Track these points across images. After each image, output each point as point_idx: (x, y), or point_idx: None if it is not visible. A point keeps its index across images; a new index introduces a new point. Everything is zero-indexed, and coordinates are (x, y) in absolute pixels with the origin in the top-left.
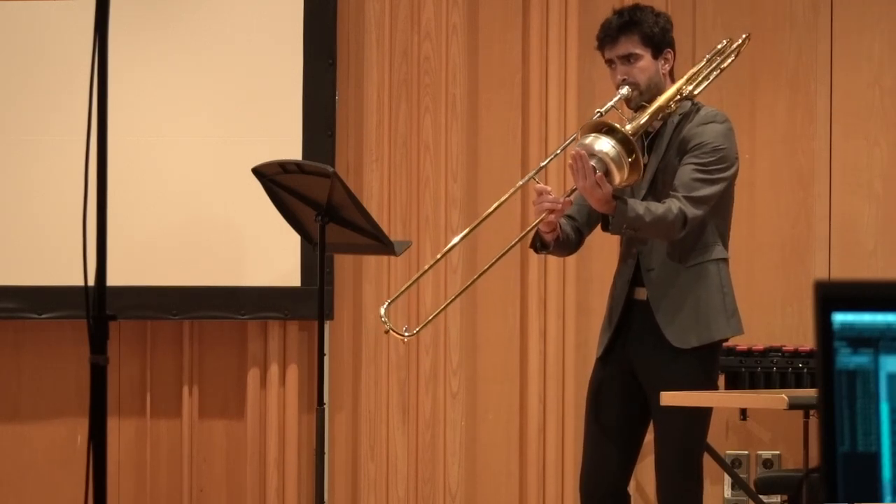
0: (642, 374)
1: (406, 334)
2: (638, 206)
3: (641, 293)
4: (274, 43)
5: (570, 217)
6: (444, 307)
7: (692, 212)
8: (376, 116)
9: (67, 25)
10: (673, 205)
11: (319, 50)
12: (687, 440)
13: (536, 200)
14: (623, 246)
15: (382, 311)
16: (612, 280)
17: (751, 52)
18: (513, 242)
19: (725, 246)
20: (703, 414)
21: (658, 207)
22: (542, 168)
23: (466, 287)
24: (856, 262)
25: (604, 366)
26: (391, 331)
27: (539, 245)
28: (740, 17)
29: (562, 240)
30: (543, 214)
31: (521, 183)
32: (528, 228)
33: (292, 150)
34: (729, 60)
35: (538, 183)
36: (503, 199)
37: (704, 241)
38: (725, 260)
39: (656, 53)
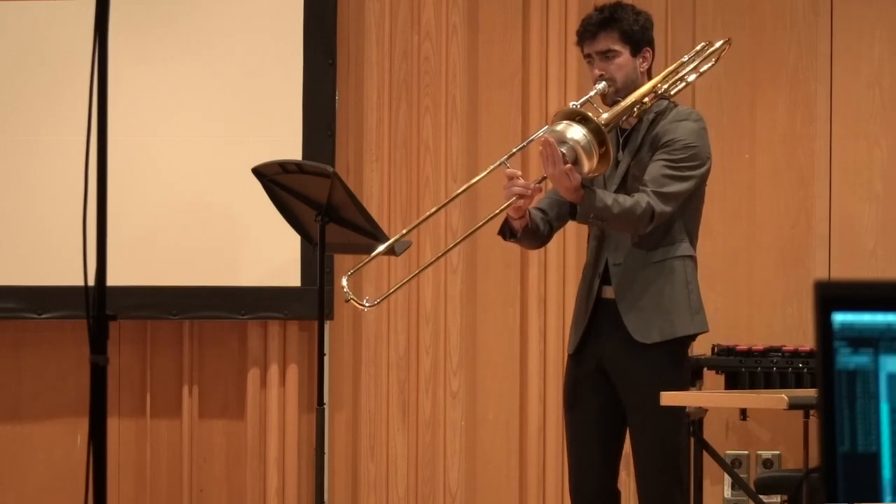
0: (612, 370)
1: (367, 304)
2: (606, 196)
3: (609, 292)
4: (274, 43)
5: (541, 210)
6: (409, 279)
7: (660, 207)
8: (376, 116)
9: (67, 25)
10: (642, 199)
11: (319, 50)
12: (661, 438)
13: (506, 185)
14: (591, 241)
15: (344, 281)
16: (582, 274)
17: (751, 51)
18: (478, 225)
19: (693, 244)
20: (675, 412)
21: (626, 200)
22: (512, 155)
23: (420, 270)
24: (856, 262)
25: (577, 364)
26: (352, 300)
27: (507, 233)
28: (740, 17)
29: (530, 229)
30: (512, 199)
31: (491, 168)
32: (496, 212)
33: (292, 150)
34: (708, 65)
35: (508, 168)
36: (463, 188)
37: (671, 237)
38: (692, 258)
39: (635, 51)
